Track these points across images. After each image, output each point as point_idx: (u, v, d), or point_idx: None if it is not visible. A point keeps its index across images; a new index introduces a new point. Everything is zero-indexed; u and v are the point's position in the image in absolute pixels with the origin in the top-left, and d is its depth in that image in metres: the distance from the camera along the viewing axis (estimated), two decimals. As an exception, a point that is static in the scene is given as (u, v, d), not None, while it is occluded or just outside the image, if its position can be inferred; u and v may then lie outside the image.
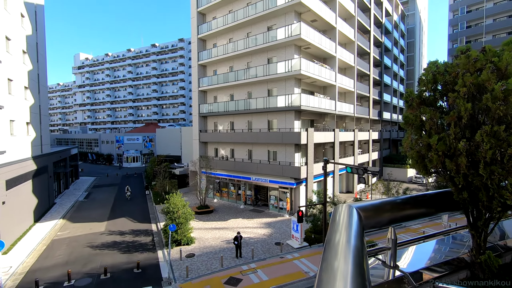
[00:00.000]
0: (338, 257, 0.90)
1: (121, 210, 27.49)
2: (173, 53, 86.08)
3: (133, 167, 60.12)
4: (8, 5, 19.98)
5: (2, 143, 17.87)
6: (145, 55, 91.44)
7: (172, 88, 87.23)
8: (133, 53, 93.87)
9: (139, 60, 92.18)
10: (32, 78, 24.76)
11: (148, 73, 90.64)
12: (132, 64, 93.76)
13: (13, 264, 16.08)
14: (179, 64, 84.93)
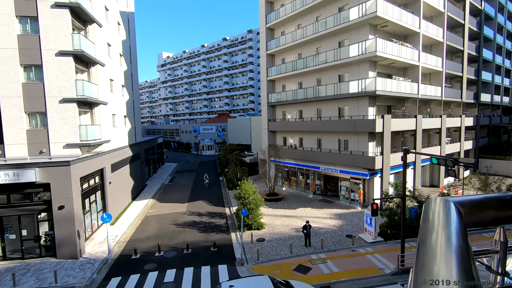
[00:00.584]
0: (438, 261, 0.78)
1: (198, 194, 30.28)
2: (242, 45, 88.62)
3: (208, 155, 65.22)
4: (109, 17, 23.47)
5: (107, 133, 21.46)
6: (217, 49, 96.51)
7: (242, 79, 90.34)
8: (207, 48, 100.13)
9: (211, 54, 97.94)
10: (127, 77, 28.80)
11: (220, 66, 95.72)
12: (206, 59, 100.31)
13: (118, 233, 19.43)
14: (248, 55, 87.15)
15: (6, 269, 14.71)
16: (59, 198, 15.43)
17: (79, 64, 18.23)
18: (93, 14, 19.28)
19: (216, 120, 77.24)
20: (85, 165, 17.38)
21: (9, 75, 16.36)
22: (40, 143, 17.03)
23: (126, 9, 29.77)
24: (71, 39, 16.96)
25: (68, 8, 16.86)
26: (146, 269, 14.69)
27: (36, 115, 17.04)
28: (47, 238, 16.06)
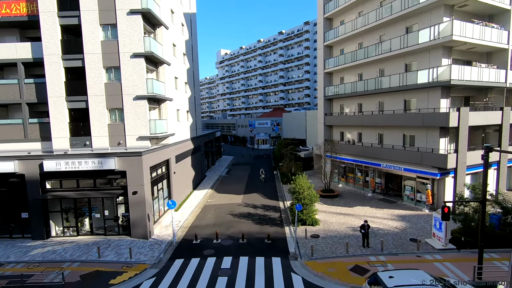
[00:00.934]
0: None
1: (253, 186, 31.07)
2: (299, 38, 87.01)
3: (263, 149, 66.26)
4: (174, 19, 25.33)
5: (172, 127, 23.38)
6: (273, 43, 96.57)
7: (297, 73, 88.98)
8: (263, 43, 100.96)
9: (267, 49, 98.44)
10: (189, 75, 30.82)
11: (275, 60, 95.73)
12: (261, 54, 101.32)
13: (181, 219, 21.16)
14: (304, 48, 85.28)
15: (93, 242, 17.28)
16: (133, 184, 17.43)
17: (149, 64, 20.13)
18: (161, 18, 21.00)
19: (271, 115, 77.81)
20: (154, 156, 19.24)
21: (95, 76, 18.92)
22: (118, 136, 19.41)
23: (189, 10, 31.69)
24: (143, 42, 18.78)
25: (141, 14, 18.66)
26: (205, 254, 15.73)
27: (115, 111, 19.43)
28: (124, 218, 18.35)
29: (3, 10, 19.16)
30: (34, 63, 19.49)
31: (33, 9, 19.06)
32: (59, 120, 19.15)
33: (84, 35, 18.62)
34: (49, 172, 17.34)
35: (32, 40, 20.62)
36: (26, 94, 19.62)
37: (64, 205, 18.39)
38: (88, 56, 18.75)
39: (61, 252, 16.15)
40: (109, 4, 18.56)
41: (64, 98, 19.05)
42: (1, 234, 18.18)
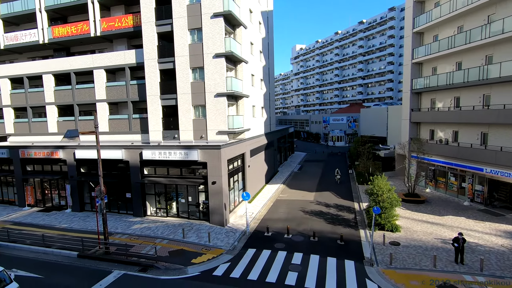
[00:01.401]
0: None
1: (326, 184, 30.13)
2: (381, 26, 79.76)
3: (337, 146, 63.47)
4: (252, 18, 26.26)
5: (248, 122, 24.43)
6: (352, 35, 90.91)
7: (379, 64, 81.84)
8: (340, 35, 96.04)
9: (345, 41, 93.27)
10: (265, 72, 31.58)
11: (354, 52, 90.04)
12: (339, 47, 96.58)
13: (254, 211, 22.07)
14: (387, 37, 77.82)
15: (179, 224, 19.54)
16: (212, 175, 18.96)
17: (228, 63, 21.41)
18: (241, 18, 22.01)
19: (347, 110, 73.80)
20: (231, 150, 20.49)
21: (183, 76, 21.13)
22: (200, 130, 21.33)
23: (266, 8, 32.34)
24: (223, 43, 20.07)
25: (222, 16, 19.94)
26: (276, 247, 16.07)
27: (198, 108, 21.38)
28: (204, 205, 20.17)
29: (116, 24, 23.02)
30: (137, 67, 22.91)
31: (137, 21, 22.35)
32: (154, 116, 22.13)
33: (175, 40, 20.96)
34: (147, 160, 20.25)
35: (135, 47, 24.26)
36: (131, 94, 23.26)
37: (157, 190, 21.26)
38: (178, 59, 21.04)
39: (154, 229, 18.78)
40: (195, 10, 20.39)
41: (159, 96, 21.89)
42: (112, 209, 22.16)
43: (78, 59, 24.48)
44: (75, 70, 24.59)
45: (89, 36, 23.97)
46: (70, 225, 20.14)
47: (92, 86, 24.34)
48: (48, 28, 25.15)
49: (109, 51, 24.86)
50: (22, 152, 23.54)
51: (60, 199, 24.05)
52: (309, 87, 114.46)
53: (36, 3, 25.18)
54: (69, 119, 25.59)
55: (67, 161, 22.55)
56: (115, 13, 24.36)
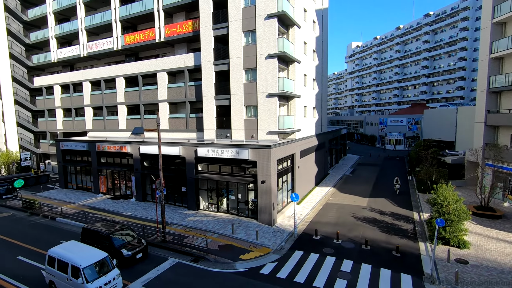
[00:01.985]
0: None
1: (381, 190, 28.21)
2: (452, 18, 71.65)
3: (395, 150, 58.90)
4: (306, 17, 25.87)
5: (299, 123, 24.16)
6: (416, 29, 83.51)
7: (448, 61, 73.72)
8: (402, 30, 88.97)
9: (408, 36, 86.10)
10: (318, 71, 30.84)
11: (417, 48, 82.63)
12: (400, 43, 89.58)
13: (302, 213, 21.75)
14: (459, 29, 69.61)
15: (228, 220, 20.25)
16: (262, 174, 19.21)
17: (281, 63, 21.44)
18: (294, 18, 21.86)
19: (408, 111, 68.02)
20: (281, 150, 20.49)
21: (237, 77, 21.81)
22: (251, 130, 21.77)
23: (321, 6, 31.55)
24: (276, 43, 20.16)
25: (276, 17, 20.04)
26: (325, 252, 15.59)
27: (250, 108, 21.84)
28: (253, 204, 20.55)
29: (178, 29, 24.80)
30: (195, 69, 24.36)
31: (196, 26, 23.75)
32: (209, 115, 23.28)
33: (230, 43, 21.74)
34: (201, 157, 21.41)
35: (194, 51, 25.80)
36: (188, 94, 24.83)
37: (209, 185, 22.34)
38: (233, 60, 21.79)
39: (205, 223, 19.78)
40: (250, 12, 20.87)
41: (213, 97, 22.95)
42: (169, 201, 23.96)
43: (144, 63, 27.02)
44: (142, 73, 27.20)
45: (154, 42, 26.29)
46: (134, 213, 22.34)
47: (155, 88, 26.64)
48: (121, 36, 28.27)
49: (170, 55, 26.91)
50: (98, 146, 26.87)
51: (127, 189, 26.84)
52: (365, 87, 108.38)
53: (112, 14, 28.48)
54: (135, 117, 28.41)
55: (133, 155, 25.06)
56: (177, 20, 26.27)
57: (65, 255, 11.84)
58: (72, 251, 12.25)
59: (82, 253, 12.08)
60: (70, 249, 12.44)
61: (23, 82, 38.73)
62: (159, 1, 25.61)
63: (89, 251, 12.33)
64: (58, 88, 34.52)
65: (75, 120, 33.46)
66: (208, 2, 22.38)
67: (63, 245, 13.00)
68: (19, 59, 38.27)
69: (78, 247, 12.87)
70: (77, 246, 12.93)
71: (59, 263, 11.80)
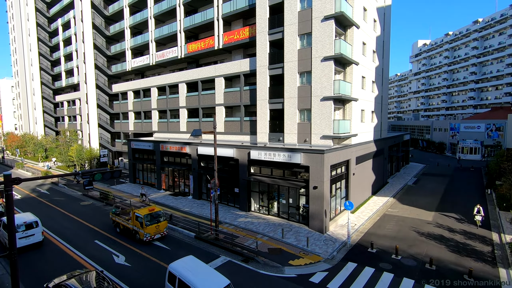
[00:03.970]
0: None
1: (451, 204, 25.09)
2: (550, 6, 60.55)
3: (469, 159, 51.87)
4: (366, 17, 24.57)
5: (355, 127, 22.97)
6: (500, 21, 72.78)
7: (542, 56, 62.44)
8: (481, 24, 78.37)
9: (489, 30, 75.51)
10: (378, 73, 28.97)
11: (501, 43, 71.87)
12: (478, 38, 79.01)
13: (357, 223, 20.57)
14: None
15: (278, 223, 20.22)
16: (314, 179, 18.76)
17: (337, 66, 20.73)
18: (353, 18, 20.97)
19: (487, 116, 59.44)
20: (335, 155, 19.74)
21: (291, 81, 21.77)
22: (304, 134, 21.45)
23: (383, 3, 29.66)
24: (333, 45, 19.57)
25: (333, 18, 19.48)
26: (381, 267, 14.48)
27: (304, 111, 21.56)
28: (304, 209, 20.17)
29: (235, 36, 25.85)
30: (250, 74, 25.04)
31: (253, 32, 24.43)
32: (262, 119, 23.65)
33: (285, 47, 21.83)
34: (253, 159, 21.85)
35: (249, 56, 26.55)
36: (243, 98, 25.61)
37: (261, 188, 22.63)
38: (287, 64, 21.83)
39: (256, 225, 20.07)
40: (306, 15, 20.68)
41: (267, 101, 23.26)
42: (222, 201, 24.96)
43: (204, 70, 28.76)
44: (201, 79, 29.00)
45: (213, 49, 27.84)
46: (190, 209, 23.82)
47: (213, 92, 28.13)
48: (184, 45, 30.60)
49: (228, 61, 28.14)
50: (161, 146, 29.40)
51: (185, 187, 28.78)
52: (433, 89, 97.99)
53: (178, 26, 31.03)
54: (194, 120, 30.36)
55: (191, 155, 26.79)
56: (235, 27, 27.40)
57: (187, 277, 10.76)
58: (194, 271, 11.14)
59: (205, 277, 10.92)
60: (192, 269, 11.34)
61: (104, 88, 44.57)
62: (218, 10, 27.07)
63: (211, 274, 11.14)
64: (131, 94, 38.83)
65: (143, 122, 37.19)
66: (265, 8, 22.85)
67: (183, 262, 11.95)
68: (101, 69, 44.19)
69: (199, 266, 11.67)
70: (197, 265, 11.75)
71: (180, 285, 10.86)
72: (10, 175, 8.23)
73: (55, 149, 48.48)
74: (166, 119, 33.71)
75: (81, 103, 48.00)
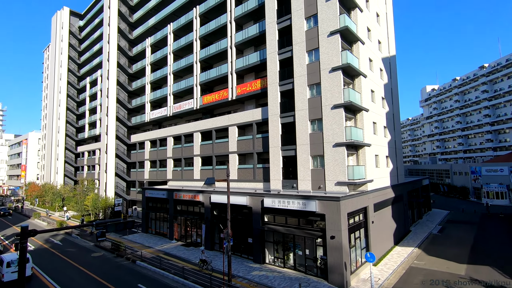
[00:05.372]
0: None
1: (484, 255, 22.97)
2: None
3: (497, 205, 48.66)
4: (372, 66, 25.78)
5: (370, 173, 22.53)
6: (506, 66, 74.35)
7: (557, 98, 61.94)
8: (488, 69, 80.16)
9: (496, 74, 76.86)
10: (389, 118, 29.29)
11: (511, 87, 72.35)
12: (486, 82, 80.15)
13: (381, 277, 18.92)
14: None
15: (295, 277, 18.87)
16: (331, 228, 17.93)
17: (347, 112, 21.22)
18: (360, 68, 22.04)
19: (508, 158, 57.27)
20: (351, 202, 19.10)
21: (302, 129, 22.24)
22: (318, 180, 21.15)
23: (388, 54, 31.25)
24: (342, 94, 20.31)
25: (341, 69, 20.55)
26: (413, 330, 12.88)
27: (317, 158, 21.56)
28: (322, 261, 18.92)
29: (247, 88, 27.37)
30: (262, 122, 25.86)
31: (264, 84, 25.87)
32: (275, 166, 23.70)
33: (296, 96, 22.80)
34: (267, 207, 21.38)
35: (261, 106, 27.72)
36: (256, 146, 26.08)
37: (275, 238, 21.70)
38: (298, 113, 22.54)
39: (271, 279, 18.80)
40: (315, 67, 21.93)
41: (280, 148, 23.56)
42: (236, 252, 23.88)
43: (218, 119, 30.00)
44: (215, 128, 30.09)
45: (227, 100, 29.36)
46: (202, 261, 22.80)
47: (226, 140, 28.89)
48: (200, 97, 32.49)
49: (240, 111, 29.39)
50: (175, 194, 29.45)
51: (197, 236, 27.97)
52: (447, 132, 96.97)
53: (194, 80, 33.37)
54: (208, 167, 30.74)
55: (204, 203, 26.55)
56: (247, 79, 29.19)
57: None
58: None
59: None
60: None
61: (123, 139, 46.69)
62: (232, 65, 29.19)
63: None
64: (148, 143, 40.37)
65: (158, 171, 37.92)
66: (275, 62, 24.50)
67: None
68: (122, 121, 46.86)
69: None
70: None
71: None
72: (27, 227, 8.38)
73: (72, 198, 49.31)
74: (181, 167, 34.30)
75: (100, 153, 49.99)
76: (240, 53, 30.10)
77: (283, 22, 24.38)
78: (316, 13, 22.23)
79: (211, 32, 32.08)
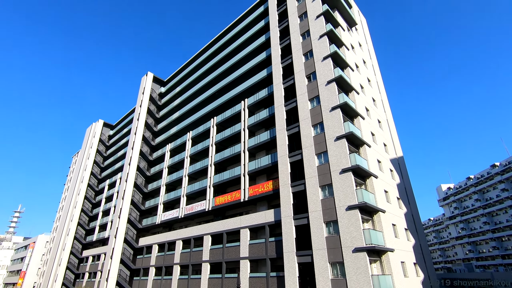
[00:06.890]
0: None
1: None
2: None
3: None
4: (382, 167, 26.36)
5: (399, 284, 19.82)
6: (518, 165, 74.12)
7: None
8: (500, 168, 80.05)
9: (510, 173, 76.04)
10: (409, 219, 27.82)
11: (531, 185, 70.21)
12: (503, 181, 78.66)
13: None
14: None
15: None
16: None
17: (363, 214, 20.50)
18: (370, 170, 22.54)
19: (558, 266, 50.08)
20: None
21: (317, 231, 21.18)
22: (341, 293, 18.62)
23: (395, 155, 32.34)
24: (355, 195, 20.16)
25: (351, 170, 21.05)
26: None
27: (336, 265, 19.65)
28: None
29: (260, 189, 27.71)
30: (275, 224, 24.98)
31: (276, 185, 26.29)
32: (290, 274, 21.50)
33: (308, 198, 22.70)
34: (283, 329, 18.20)
35: (273, 207, 27.37)
36: (269, 251, 24.39)
37: None
38: (312, 214, 21.96)
39: None
40: (325, 169, 22.60)
41: (295, 253, 21.91)
42: None
43: (229, 221, 29.27)
44: (226, 231, 29.01)
45: (239, 201, 29.34)
46: None
47: (237, 244, 27.32)
48: (212, 198, 32.72)
49: (252, 212, 28.90)
50: (178, 309, 25.96)
51: None
52: (477, 234, 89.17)
53: (207, 182, 34.37)
54: (217, 276, 28.05)
55: (210, 322, 22.98)
56: (259, 181, 29.85)
57: None
58: None
59: None
60: None
61: (131, 242, 44.89)
62: (245, 168, 30.49)
63: None
64: (156, 247, 38.46)
65: (163, 279, 34.69)
66: (286, 164, 25.56)
67: None
68: (133, 223, 46.19)
69: None
70: None
71: None
72: None
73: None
74: (187, 275, 31.42)
75: (105, 258, 47.26)
76: (253, 156, 31.90)
77: (292, 129, 26.71)
78: (321, 121, 24.52)
79: (226, 138, 35.03)
